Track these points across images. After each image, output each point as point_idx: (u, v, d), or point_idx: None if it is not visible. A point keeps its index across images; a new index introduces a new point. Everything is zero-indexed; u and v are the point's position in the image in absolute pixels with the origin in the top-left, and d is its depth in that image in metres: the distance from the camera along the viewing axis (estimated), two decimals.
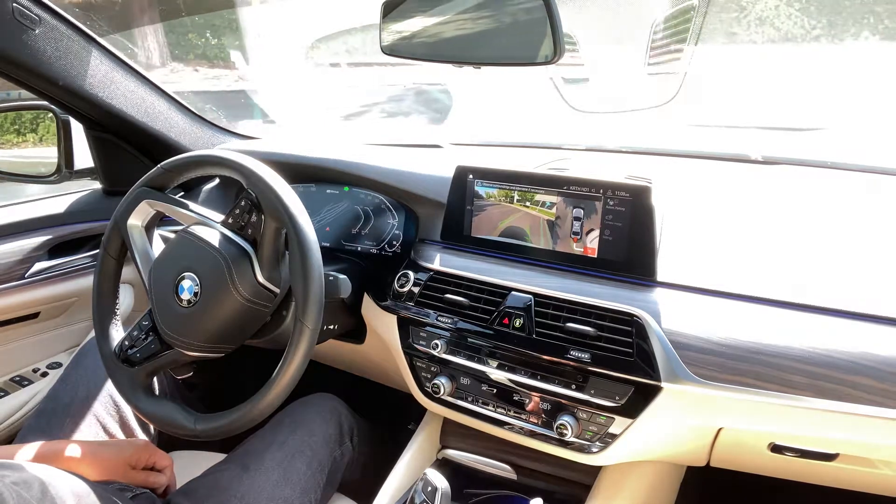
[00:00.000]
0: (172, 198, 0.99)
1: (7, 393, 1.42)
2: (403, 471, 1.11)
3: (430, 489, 0.88)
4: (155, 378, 1.04)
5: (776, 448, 0.91)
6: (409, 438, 1.18)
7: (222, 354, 0.95)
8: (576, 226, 1.01)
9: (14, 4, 1.10)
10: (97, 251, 1.03)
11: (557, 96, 1.41)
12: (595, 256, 1.00)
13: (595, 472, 1.03)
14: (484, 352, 1.01)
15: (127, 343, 0.96)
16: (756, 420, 0.86)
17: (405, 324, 1.10)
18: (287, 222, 0.88)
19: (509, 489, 1.07)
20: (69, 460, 0.94)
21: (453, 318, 1.04)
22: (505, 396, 1.01)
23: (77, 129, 1.46)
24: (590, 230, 1.00)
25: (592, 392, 0.92)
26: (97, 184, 1.55)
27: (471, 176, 1.09)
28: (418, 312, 1.08)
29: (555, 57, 0.90)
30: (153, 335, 0.95)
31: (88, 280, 1.43)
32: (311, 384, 1.14)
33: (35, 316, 1.41)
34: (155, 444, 1.07)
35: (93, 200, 1.52)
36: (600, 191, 0.98)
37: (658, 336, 0.88)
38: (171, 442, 1.17)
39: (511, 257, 1.07)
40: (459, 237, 1.12)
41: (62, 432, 1.06)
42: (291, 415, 1.15)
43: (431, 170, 1.22)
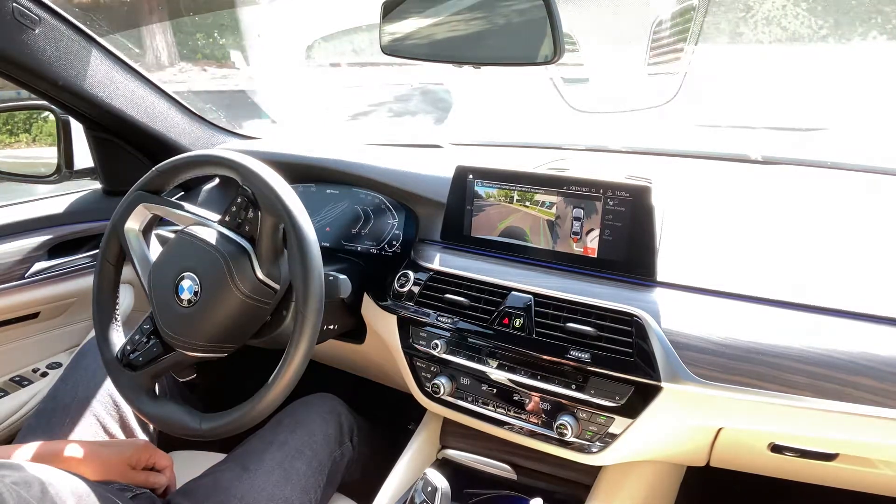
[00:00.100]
0: (169, 200, 0.99)
1: (7, 393, 1.42)
2: (403, 471, 1.11)
3: (430, 489, 0.88)
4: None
5: (776, 448, 0.91)
6: (409, 438, 1.18)
7: (224, 354, 0.94)
8: (576, 226, 1.01)
9: (14, 4, 1.10)
10: (97, 251, 1.03)
11: (557, 96, 1.41)
12: (595, 256, 1.00)
13: (595, 472, 1.03)
14: (484, 352, 1.01)
15: (129, 347, 0.96)
16: (756, 420, 0.86)
17: (405, 324, 1.10)
18: (284, 217, 0.87)
19: (509, 489, 1.07)
20: (69, 460, 0.94)
21: (453, 318, 1.04)
22: (505, 396, 1.01)
23: (77, 129, 1.46)
24: (590, 230, 1.00)
25: (592, 392, 0.92)
26: (97, 184, 1.55)
27: (471, 176, 1.09)
28: (418, 312, 1.08)
29: (555, 57, 0.90)
30: (155, 338, 0.94)
31: (88, 280, 1.43)
32: (311, 384, 1.14)
33: (35, 316, 1.41)
34: (155, 444, 1.07)
35: (93, 200, 1.52)
36: (600, 191, 0.98)
37: (658, 336, 0.88)
38: (171, 442, 1.16)
39: (511, 257, 1.07)
40: (459, 237, 1.12)
41: (62, 432, 1.06)
42: (291, 415, 1.15)
43: (431, 170, 1.22)
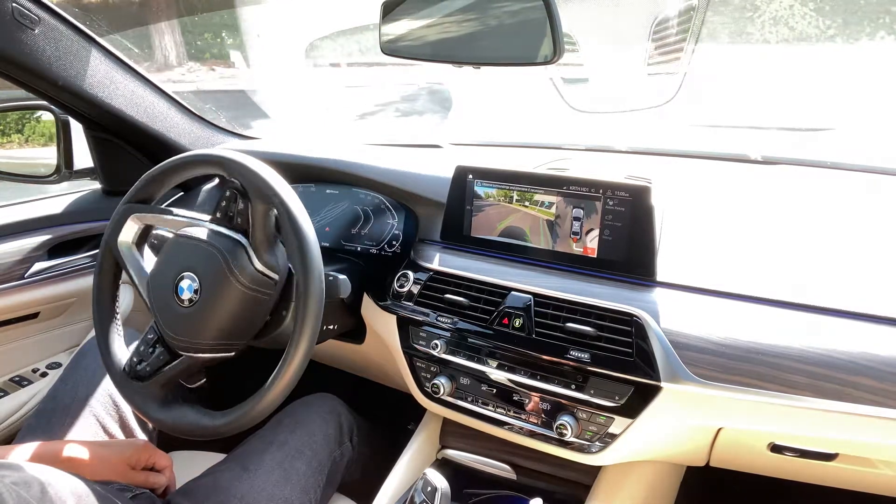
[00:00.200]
0: (158, 208, 1.00)
1: (7, 393, 1.42)
2: (403, 471, 1.11)
3: (430, 489, 0.88)
4: None
5: (776, 448, 0.91)
6: (409, 438, 1.18)
7: (233, 353, 0.94)
8: (575, 226, 1.01)
9: (13, 4, 1.10)
10: (97, 251, 1.03)
11: (557, 96, 1.41)
12: (595, 256, 1.00)
13: (595, 472, 1.03)
14: (484, 352, 1.01)
15: (135, 359, 0.95)
16: (756, 420, 0.86)
17: (405, 324, 1.10)
18: (273, 200, 0.88)
19: (509, 489, 1.07)
20: (69, 460, 0.93)
21: (453, 318, 1.04)
22: (505, 396, 1.01)
23: (77, 129, 1.46)
24: (589, 230, 1.00)
25: (592, 392, 0.92)
26: (97, 184, 1.55)
27: (470, 176, 1.09)
28: (418, 312, 1.08)
29: (554, 57, 0.90)
30: (160, 346, 0.94)
31: (88, 280, 1.43)
32: (311, 384, 1.14)
33: (35, 316, 1.41)
34: (154, 444, 1.07)
35: (92, 200, 1.52)
36: (600, 191, 0.98)
37: (658, 336, 0.88)
38: (171, 442, 1.16)
39: (511, 257, 1.07)
40: (459, 237, 1.12)
41: (62, 432, 1.06)
42: (291, 415, 1.15)
43: (431, 170, 1.22)
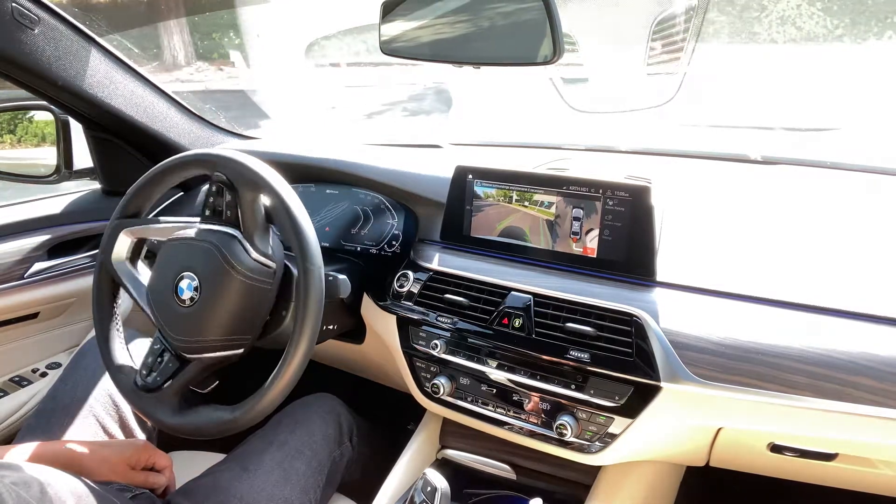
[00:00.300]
0: (147, 219, 1.02)
1: (6, 393, 1.42)
2: (403, 471, 1.11)
3: (430, 489, 0.88)
4: None
5: (776, 448, 0.91)
6: (409, 438, 1.18)
7: (241, 350, 0.94)
8: (575, 226, 1.01)
9: (13, 4, 1.10)
10: (96, 251, 1.03)
11: (557, 96, 1.41)
12: (594, 256, 1.00)
13: (595, 472, 1.03)
14: (483, 352, 1.01)
15: (144, 372, 0.95)
16: (756, 420, 0.86)
17: (405, 324, 1.10)
18: (261, 186, 0.89)
19: (509, 489, 1.07)
20: (68, 460, 0.93)
21: (453, 318, 1.04)
22: (504, 396, 1.01)
23: (77, 129, 1.46)
24: (589, 230, 1.00)
25: (592, 392, 0.92)
26: (97, 184, 1.55)
27: (470, 176, 1.09)
28: (418, 312, 1.08)
29: (554, 57, 0.90)
30: (168, 354, 0.94)
31: (88, 280, 1.43)
32: (311, 384, 1.14)
33: (34, 316, 1.41)
34: (154, 444, 1.07)
35: (92, 200, 1.52)
36: (600, 191, 0.98)
37: (657, 336, 0.88)
38: (171, 442, 1.16)
39: (510, 257, 1.07)
40: (459, 237, 1.12)
41: (61, 432, 1.05)
42: (291, 415, 1.15)
43: (431, 170, 1.22)
